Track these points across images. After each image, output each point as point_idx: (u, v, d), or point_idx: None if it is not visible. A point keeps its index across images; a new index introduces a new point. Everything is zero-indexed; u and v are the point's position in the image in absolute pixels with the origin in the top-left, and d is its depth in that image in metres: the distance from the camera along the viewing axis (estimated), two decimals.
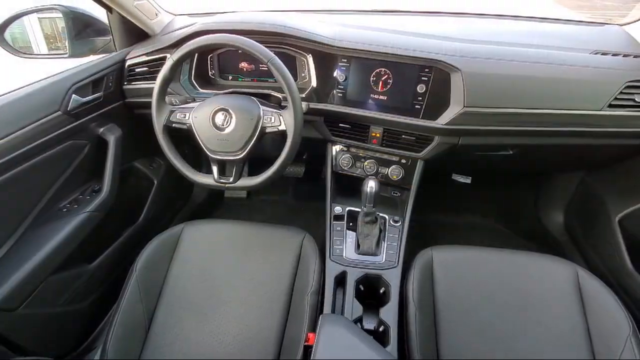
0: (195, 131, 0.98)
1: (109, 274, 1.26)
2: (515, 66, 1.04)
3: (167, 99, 1.04)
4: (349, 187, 1.26)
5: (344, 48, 1.07)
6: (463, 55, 1.03)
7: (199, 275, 1.05)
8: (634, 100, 1.01)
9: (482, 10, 1.44)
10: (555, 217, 1.66)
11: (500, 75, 1.03)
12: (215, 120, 0.96)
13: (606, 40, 1.17)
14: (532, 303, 0.96)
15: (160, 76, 0.97)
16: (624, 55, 1.08)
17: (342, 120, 1.17)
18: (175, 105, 1.04)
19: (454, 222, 1.83)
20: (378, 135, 1.16)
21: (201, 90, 1.21)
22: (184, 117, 1.00)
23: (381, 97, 1.10)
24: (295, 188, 1.99)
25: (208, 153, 0.99)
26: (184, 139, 1.04)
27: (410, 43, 1.07)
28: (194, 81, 1.21)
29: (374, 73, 1.08)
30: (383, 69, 1.07)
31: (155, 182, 1.48)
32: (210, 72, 1.26)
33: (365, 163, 1.22)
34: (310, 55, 1.13)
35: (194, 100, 1.09)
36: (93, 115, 1.16)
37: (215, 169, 1.01)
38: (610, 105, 1.02)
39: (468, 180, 1.59)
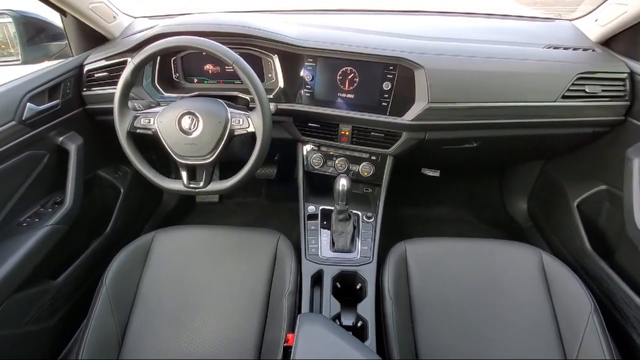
0: (161, 136, 0.96)
1: (77, 289, 1.21)
2: (476, 62, 1.08)
3: (129, 104, 1.01)
4: (321, 186, 1.27)
5: (310, 48, 1.08)
6: (426, 53, 1.06)
7: (172, 284, 1.02)
8: (584, 90, 1.08)
9: (444, 8, 1.49)
10: (519, 205, 1.74)
11: (462, 71, 1.07)
12: (182, 124, 0.94)
13: (558, 35, 1.23)
14: (502, 288, 1.00)
15: (121, 81, 0.94)
16: (574, 49, 1.15)
17: (311, 120, 1.18)
18: (139, 110, 1.01)
19: (425, 214, 1.88)
20: (347, 133, 1.17)
21: (166, 94, 1.18)
22: (149, 122, 0.97)
23: (348, 95, 1.11)
24: (268, 189, 1.98)
25: (176, 158, 0.97)
26: (150, 144, 1.01)
27: (374, 42, 1.08)
28: (157, 85, 1.18)
29: (340, 72, 1.10)
30: (349, 68, 1.09)
31: (122, 190, 1.43)
32: (174, 75, 1.23)
33: (336, 161, 1.23)
34: (276, 55, 1.13)
35: (158, 105, 1.06)
36: (51, 123, 1.11)
37: (184, 174, 0.99)
38: (564, 97, 1.07)
39: (437, 174, 1.63)
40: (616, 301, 1.10)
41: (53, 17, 1.20)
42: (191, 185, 1.00)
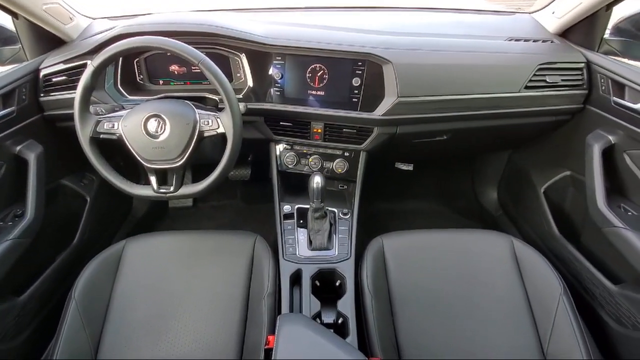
0: (126, 141, 0.92)
1: (44, 305, 1.15)
2: (442, 55, 1.10)
3: (91, 108, 0.96)
4: (296, 184, 1.26)
5: (278, 46, 1.07)
6: (393, 48, 1.07)
7: (147, 293, 0.99)
8: (545, 80, 1.12)
9: (410, 4, 1.51)
10: (490, 194, 1.79)
11: (429, 65, 1.08)
12: (148, 127, 0.91)
13: (518, 28, 1.27)
14: (476, 276, 1.03)
15: (80, 85, 0.90)
16: (534, 41, 1.19)
17: (282, 119, 1.16)
18: (102, 114, 0.97)
19: (401, 208, 1.90)
20: (319, 130, 1.17)
21: (130, 97, 1.14)
22: (113, 127, 0.93)
23: (319, 92, 1.11)
24: (243, 191, 1.96)
25: (143, 163, 0.94)
26: (117, 150, 0.97)
27: (342, 38, 1.08)
28: (120, 88, 1.14)
29: (309, 69, 1.09)
30: (318, 65, 1.08)
31: (89, 199, 1.38)
32: (138, 78, 1.19)
33: (310, 159, 1.23)
34: (243, 54, 1.11)
35: (122, 108, 1.02)
36: (7, 132, 1.05)
37: (153, 178, 0.96)
38: (527, 87, 1.11)
39: (410, 168, 1.65)
40: (584, 281, 1.16)
41: (4, 20, 1.14)
42: (161, 190, 0.97)
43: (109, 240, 1.55)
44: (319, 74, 1.09)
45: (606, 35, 1.17)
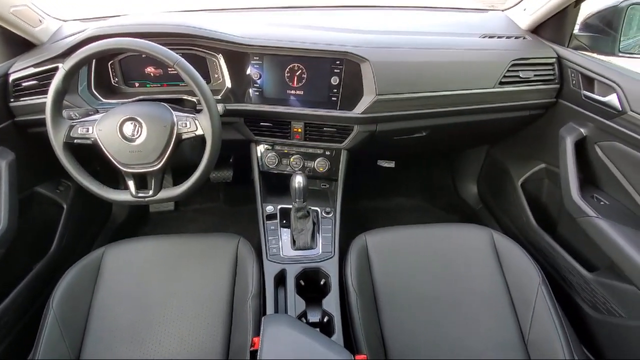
0: (102, 145, 0.90)
1: (21, 316, 1.12)
2: (418, 53, 1.11)
3: (64, 113, 0.94)
4: (278, 185, 1.26)
5: (255, 46, 1.06)
6: (370, 46, 1.08)
7: (128, 299, 0.97)
8: (519, 76, 1.15)
9: (386, 2, 1.52)
10: (470, 188, 1.82)
11: (406, 63, 1.10)
12: (124, 131, 0.89)
13: (492, 25, 1.30)
14: (458, 270, 1.05)
15: (52, 89, 0.87)
16: (507, 37, 1.22)
17: (262, 119, 1.16)
18: (76, 119, 0.95)
19: (384, 205, 1.92)
20: (300, 130, 1.17)
21: (105, 101, 1.12)
22: (87, 132, 0.91)
23: (298, 92, 1.11)
24: (226, 193, 1.94)
25: (120, 167, 0.92)
26: (93, 155, 0.95)
27: (319, 37, 1.09)
28: (94, 91, 1.11)
29: (287, 69, 1.09)
30: (296, 65, 1.08)
31: (65, 206, 1.34)
32: (113, 80, 1.16)
33: (291, 159, 1.23)
34: (220, 55, 1.10)
35: (97, 112, 1.00)
36: None
37: (131, 183, 0.94)
38: (501, 83, 1.14)
39: (392, 165, 1.67)
40: (561, 270, 1.19)
41: None
42: (140, 195, 0.95)
43: (88, 248, 1.51)
44: (297, 74, 1.09)
45: (576, 31, 1.20)
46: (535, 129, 1.34)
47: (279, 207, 1.20)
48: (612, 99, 0.99)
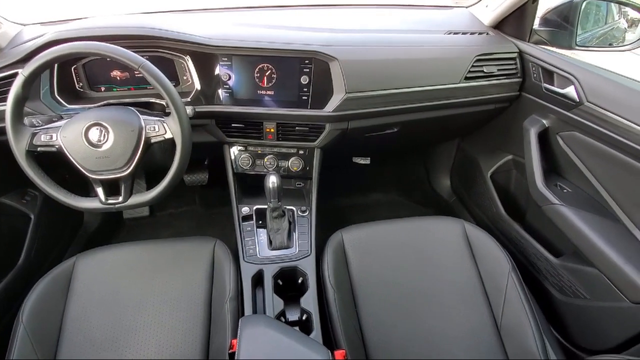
0: (67, 152, 0.88)
1: None
2: (386, 51, 1.13)
3: (26, 120, 0.91)
4: (253, 185, 1.26)
5: (222, 47, 1.05)
6: (338, 45, 1.09)
7: (102, 309, 0.95)
8: (483, 71, 1.18)
9: (355, 1, 1.54)
10: (443, 181, 1.87)
11: (374, 61, 1.11)
12: (90, 136, 0.87)
13: (456, 21, 1.34)
14: (433, 261, 1.07)
15: (11, 96, 0.84)
16: (471, 33, 1.25)
17: (233, 120, 1.15)
18: (38, 126, 0.92)
19: (361, 202, 1.94)
20: (272, 130, 1.17)
21: (69, 106, 1.08)
22: (51, 139, 0.88)
23: (268, 92, 1.11)
24: (202, 196, 1.92)
25: (87, 174, 0.89)
26: (61, 162, 0.92)
27: (288, 37, 1.09)
28: (58, 97, 1.07)
29: (257, 69, 1.08)
30: (265, 65, 1.08)
31: (32, 216, 1.30)
32: (77, 85, 1.13)
33: (265, 159, 1.22)
34: (188, 56, 1.08)
35: (61, 118, 0.97)
36: None
37: (100, 190, 0.92)
38: (466, 78, 1.17)
39: (367, 161, 1.69)
40: (530, 257, 1.24)
41: None
42: (110, 202, 0.93)
43: (59, 258, 1.47)
44: (267, 74, 1.09)
45: (536, 26, 1.25)
46: (501, 122, 1.38)
47: (255, 207, 1.20)
48: (570, 90, 1.04)
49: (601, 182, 1.03)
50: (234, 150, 1.23)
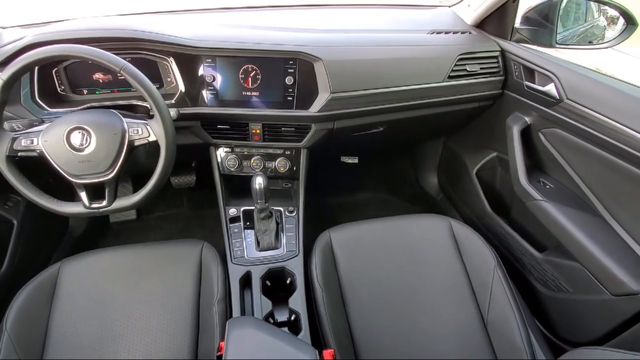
0: (48, 157, 0.87)
1: None
2: (370, 51, 1.14)
3: (6, 125, 0.90)
4: (241, 187, 1.25)
5: (205, 48, 1.05)
6: (323, 45, 1.09)
7: (89, 315, 0.94)
8: (466, 70, 1.20)
9: (337, 1, 1.54)
10: (430, 179, 1.88)
11: (359, 61, 1.12)
12: (72, 140, 0.86)
13: (439, 21, 1.35)
14: (420, 259, 1.08)
15: None
16: (454, 33, 1.27)
17: (219, 122, 1.15)
18: (19, 130, 0.90)
19: (350, 201, 1.95)
20: (258, 131, 1.16)
21: (51, 110, 1.07)
22: (32, 143, 0.87)
23: (253, 93, 1.11)
24: (190, 198, 1.90)
25: (70, 178, 0.88)
26: (44, 166, 0.91)
27: (272, 38, 1.09)
28: (39, 100, 1.06)
29: (241, 70, 1.08)
30: (250, 66, 1.08)
31: (15, 222, 1.28)
32: (59, 89, 1.11)
33: (252, 160, 1.22)
34: (172, 58, 1.07)
35: (42, 123, 0.95)
36: None
37: (83, 194, 0.91)
38: (450, 77, 1.18)
39: (355, 160, 1.70)
40: (515, 252, 1.26)
41: None
42: (94, 206, 0.92)
43: (44, 264, 1.44)
44: (251, 75, 1.09)
45: (517, 25, 1.27)
46: (485, 120, 1.40)
47: (242, 209, 1.20)
48: (551, 88, 1.06)
49: (582, 178, 1.05)
50: (221, 152, 1.22)
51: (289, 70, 1.08)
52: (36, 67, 1.02)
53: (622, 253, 0.92)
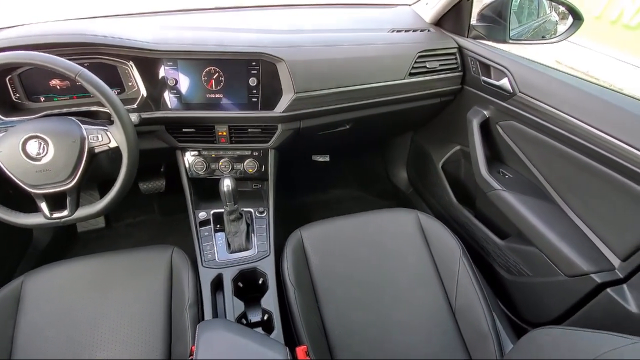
0: (3, 167, 0.84)
1: None
2: (331, 50, 1.15)
3: None
4: (210, 190, 1.24)
5: (165, 51, 1.03)
6: (284, 46, 1.10)
7: (55, 328, 0.91)
8: (426, 66, 1.23)
9: (296, 2, 1.55)
10: (400, 174, 1.93)
11: (320, 60, 1.13)
12: (28, 150, 0.84)
13: (399, 19, 1.38)
14: (390, 252, 1.11)
15: None
16: (413, 31, 1.30)
17: (184, 125, 1.14)
18: None
19: (323, 199, 1.97)
20: (225, 133, 1.16)
21: (6, 119, 1.03)
22: None
23: (217, 95, 1.10)
24: (160, 204, 1.87)
25: (28, 189, 0.86)
26: (2, 177, 0.88)
27: (233, 39, 1.09)
28: None
29: (204, 73, 1.07)
30: (212, 68, 1.07)
31: None
32: (13, 97, 1.07)
33: (220, 163, 1.22)
34: (131, 62, 1.05)
35: None
36: None
37: (43, 204, 0.88)
38: (410, 74, 1.22)
39: (327, 158, 1.71)
40: (479, 241, 1.31)
41: None
42: (55, 216, 0.89)
43: (8, 279, 1.39)
44: (214, 77, 1.08)
45: (473, 22, 1.31)
46: (448, 114, 1.45)
47: (212, 212, 1.19)
48: (505, 82, 1.11)
49: (537, 168, 1.10)
50: (188, 156, 1.21)
51: (252, 72, 1.08)
52: None
53: (575, 237, 0.97)
